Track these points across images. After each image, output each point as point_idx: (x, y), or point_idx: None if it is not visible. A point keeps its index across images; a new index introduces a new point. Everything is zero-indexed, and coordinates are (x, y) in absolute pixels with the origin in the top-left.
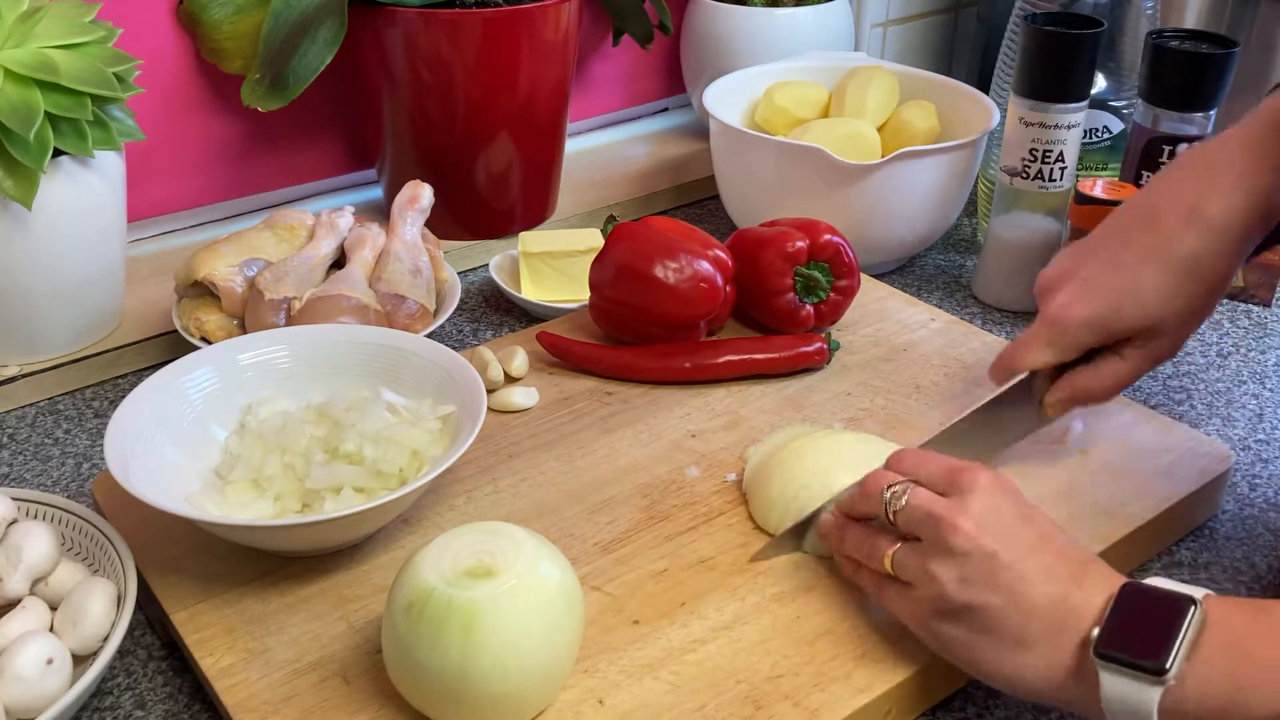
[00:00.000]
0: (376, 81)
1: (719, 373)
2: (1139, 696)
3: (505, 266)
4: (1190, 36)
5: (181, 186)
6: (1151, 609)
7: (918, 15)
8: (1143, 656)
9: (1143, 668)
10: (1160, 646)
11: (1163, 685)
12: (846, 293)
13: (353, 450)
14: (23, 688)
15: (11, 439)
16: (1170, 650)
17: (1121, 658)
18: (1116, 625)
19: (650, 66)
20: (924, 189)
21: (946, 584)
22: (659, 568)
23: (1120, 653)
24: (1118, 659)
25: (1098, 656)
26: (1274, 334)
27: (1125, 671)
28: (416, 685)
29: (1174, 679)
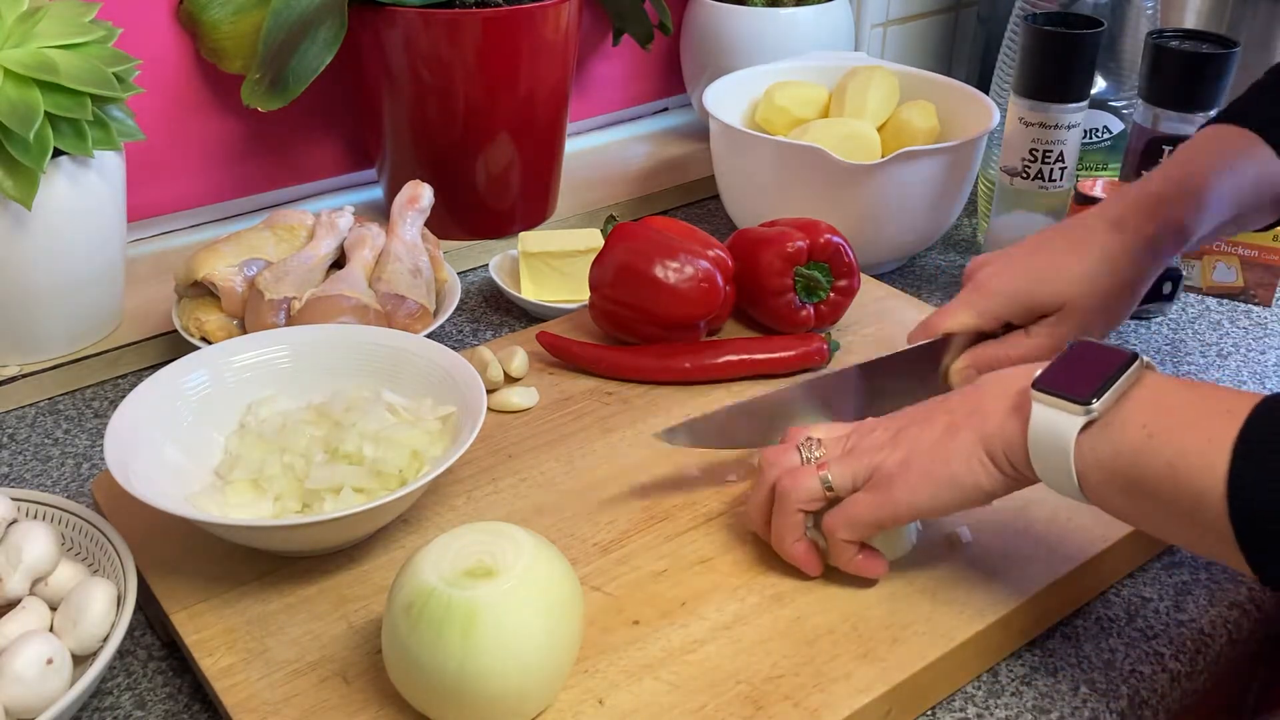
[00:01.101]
0: (376, 81)
1: (719, 373)
2: (1062, 425)
3: (505, 266)
4: (1190, 36)
5: (181, 186)
6: (1097, 357)
7: (918, 15)
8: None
9: (1071, 398)
10: (1093, 385)
11: (1085, 415)
12: (846, 293)
13: (353, 450)
14: (23, 688)
15: (11, 439)
16: (1101, 389)
17: (1055, 389)
18: (1059, 367)
19: (650, 66)
20: (924, 189)
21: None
22: (659, 568)
23: (1055, 387)
24: (1051, 391)
25: (1034, 389)
26: (1274, 334)
27: (1054, 402)
28: (416, 685)
29: (1097, 412)
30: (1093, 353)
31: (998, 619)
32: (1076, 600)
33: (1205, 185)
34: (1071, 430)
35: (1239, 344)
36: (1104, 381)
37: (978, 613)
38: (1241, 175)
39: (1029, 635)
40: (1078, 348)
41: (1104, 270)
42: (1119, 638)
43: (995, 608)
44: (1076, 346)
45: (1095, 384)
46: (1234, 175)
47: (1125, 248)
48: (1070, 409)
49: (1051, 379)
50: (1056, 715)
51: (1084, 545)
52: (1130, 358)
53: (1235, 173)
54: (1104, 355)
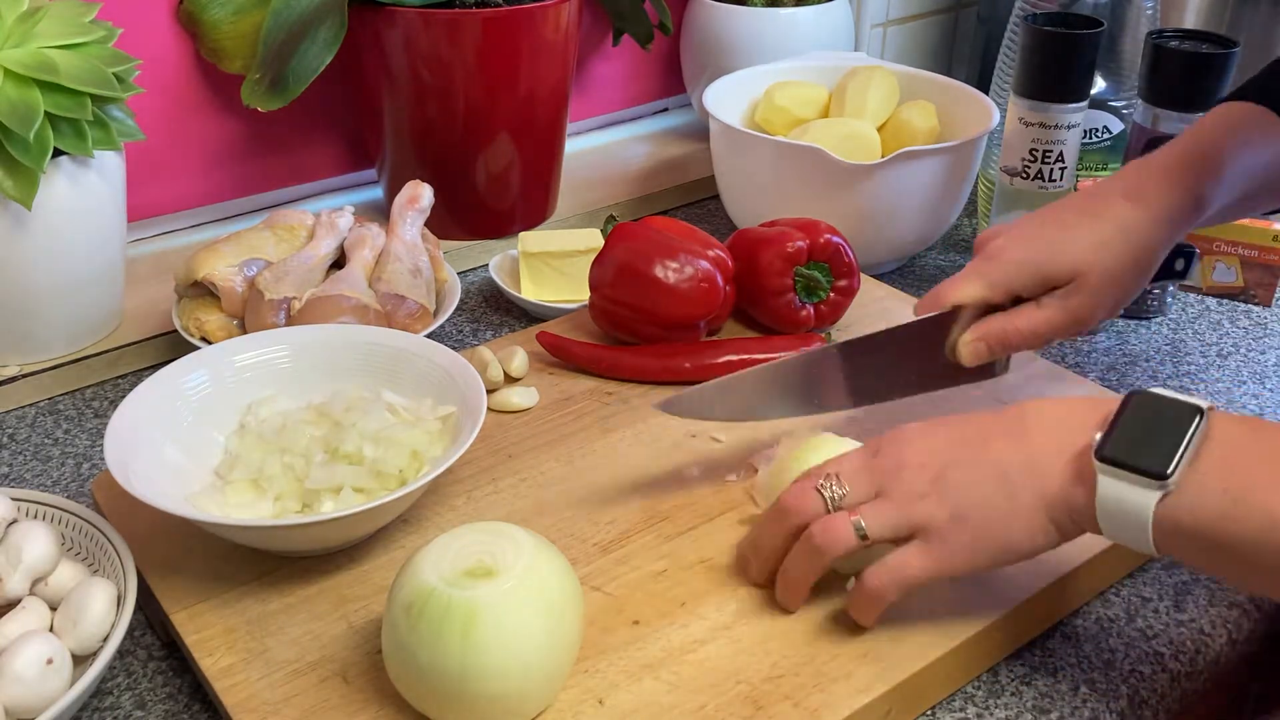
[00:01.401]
0: (376, 81)
1: (719, 373)
2: (1136, 500)
3: (505, 266)
4: (1190, 36)
5: (181, 186)
6: (1158, 414)
7: (918, 15)
8: (1146, 460)
9: (1144, 470)
10: (1164, 451)
11: (1163, 489)
12: (846, 293)
13: (353, 450)
14: (23, 688)
15: (11, 439)
16: (1174, 455)
17: (1123, 460)
18: (1122, 430)
19: (650, 66)
20: (924, 189)
21: (932, 515)
22: (659, 568)
23: (1123, 456)
24: (1119, 462)
25: (1099, 459)
26: (1274, 334)
27: (1125, 475)
28: (416, 685)
29: (1174, 485)
30: (1154, 408)
31: (998, 619)
32: (1076, 600)
33: (1223, 158)
34: (1148, 504)
35: (1239, 344)
36: (1173, 444)
37: (978, 613)
38: (1259, 152)
39: (1029, 635)
40: (1136, 401)
41: (1119, 241)
42: (1119, 638)
43: (995, 608)
44: (1134, 400)
45: (1164, 449)
46: (1251, 151)
47: (1141, 219)
48: (1144, 483)
49: (1115, 446)
50: (1056, 715)
51: (1084, 545)
52: (1194, 409)
53: (1252, 149)
54: (1166, 411)
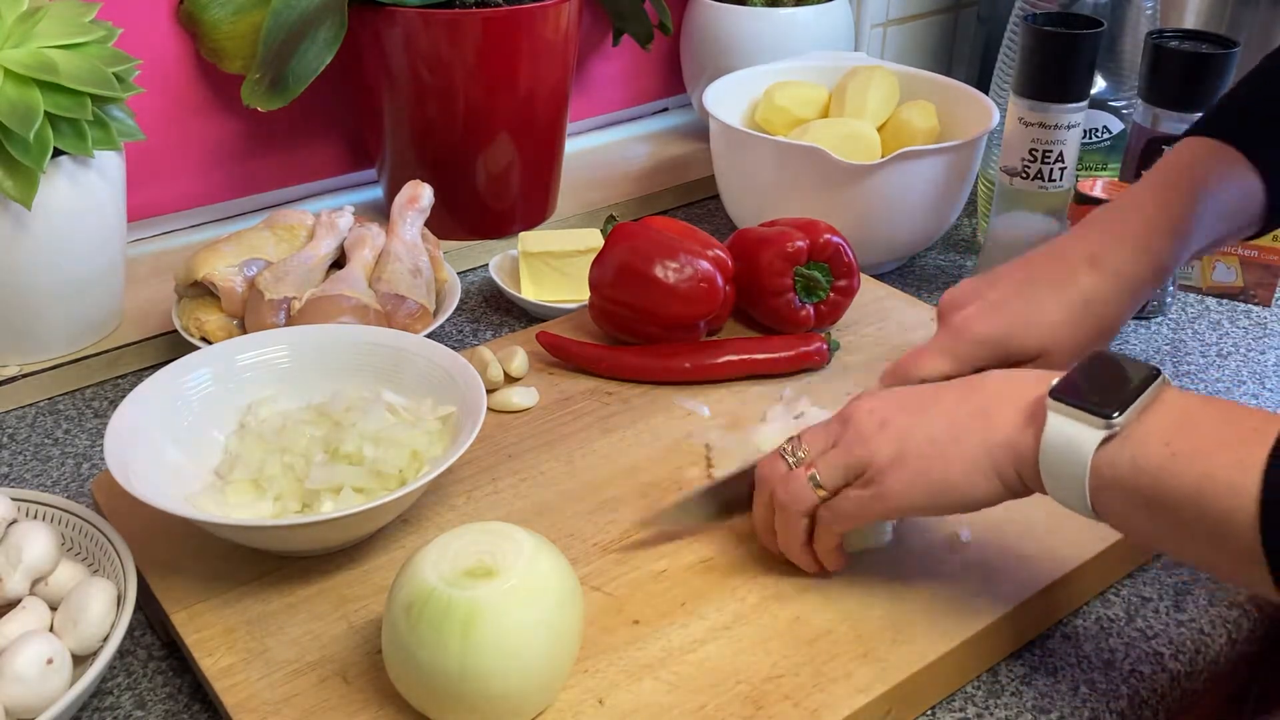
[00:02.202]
0: (376, 81)
1: (719, 373)
2: (1080, 437)
3: (505, 266)
4: (1190, 36)
5: (181, 186)
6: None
7: (918, 15)
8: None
9: (1094, 409)
10: (1114, 398)
11: (1108, 429)
12: (846, 293)
13: (353, 451)
14: (23, 688)
15: (11, 439)
16: (1126, 403)
17: (1075, 400)
18: (1077, 377)
19: (650, 66)
20: (924, 189)
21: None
22: (659, 568)
23: (1075, 397)
24: (1069, 401)
25: (1052, 396)
26: (1274, 334)
27: (1074, 413)
28: (416, 685)
29: (1120, 427)
30: (1112, 364)
31: (998, 619)
32: (1076, 600)
33: (1186, 219)
34: (1090, 443)
35: (1239, 344)
36: (1125, 394)
37: (977, 613)
38: (1223, 199)
39: (1029, 635)
40: (1096, 359)
41: (1084, 316)
42: (1119, 638)
43: (995, 608)
44: (1094, 357)
45: (1116, 396)
46: (1215, 201)
47: (1105, 291)
48: (1090, 421)
49: (1070, 389)
50: (1056, 715)
51: (1084, 545)
52: (1152, 372)
53: (1217, 198)
54: (1124, 368)
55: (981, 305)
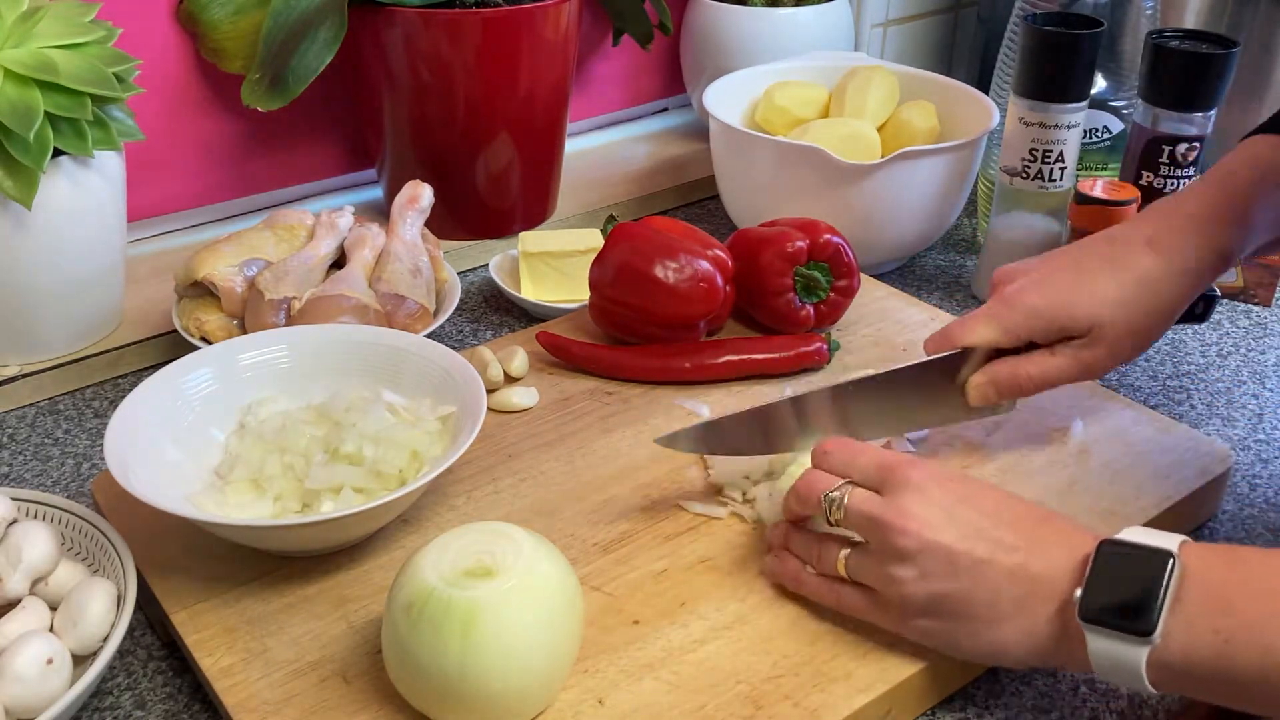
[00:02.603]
0: (376, 81)
1: (719, 373)
2: (1127, 655)
3: (505, 266)
4: (1190, 36)
5: (181, 186)
6: (1130, 566)
7: (918, 15)
8: (1127, 618)
9: (1129, 628)
10: (1144, 606)
11: (1149, 644)
12: (846, 293)
13: (353, 451)
14: (23, 688)
15: (11, 439)
16: (1154, 609)
17: (1107, 620)
18: (1097, 586)
19: (650, 66)
20: (924, 189)
21: (907, 584)
22: (659, 568)
23: (1105, 614)
24: (1103, 621)
25: (1083, 620)
26: (1274, 334)
27: (1111, 633)
28: (416, 685)
29: (1159, 637)
30: (1126, 558)
31: None
32: None
33: (1248, 209)
34: (1138, 659)
35: (1239, 344)
36: (1153, 596)
37: None
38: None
39: None
40: (1106, 553)
41: (1139, 295)
42: None
43: None
44: (1104, 551)
45: (1146, 603)
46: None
47: (1163, 271)
48: (1131, 640)
49: (1097, 604)
50: (1056, 715)
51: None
52: (1164, 556)
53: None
54: (1137, 559)
55: (1034, 277)
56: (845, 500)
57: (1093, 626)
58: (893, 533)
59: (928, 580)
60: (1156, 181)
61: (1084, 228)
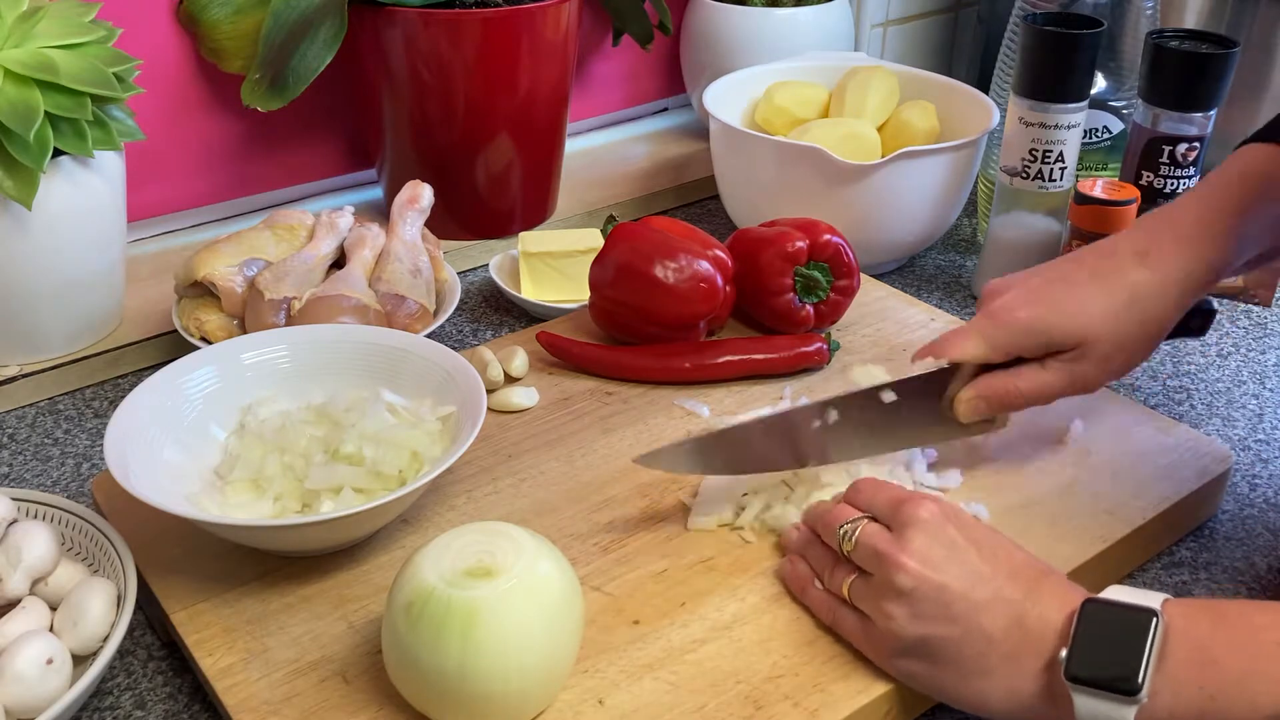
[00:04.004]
0: (376, 81)
1: (719, 373)
2: (1115, 716)
3: (505, 266)
4: (1190, 36)
5: (181, 186)
6: (1114, 626)
7: (918, 15)
8: (1114, 677)
9: (1115, 688)
10: (1129, 666)
11: (1137, 704)
12: (846, 293)
13: (353, 451)
14: (23, 688)
15: (11, 439)
16: (1139, 669)
17: (1093, 679)
18: (1082, 646)
19: (650, 66)
20: (924, 189)
21: (899, 620)
22: (659, 568)
23: (1091, 675)
24: (1089, 681)
25: (1069, 680)
26: (1274, 334)
27: (1098, 694)
28: (416, 685)
29: (1146, 696)
30: (1107, 618)
31: None
32: None
33: (1240, 222)
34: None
35: (1239, 344)
36: (1136, 656)
37: None
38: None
39: None
40: (1090, 612)
41: (1128, 309)
42: None
43: None
44: (1089, 610)
45: (1129, 663)
46: (1272, 206)
47: (1154, 286)
48: (1118, 699)
49: (1080, 665)
50: None
51: (1082, 546)
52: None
53: (1273, 203)
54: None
55: (1022, 291)
56: (857, 534)
57: (1079, 687)
58: (891, 566)
59: (919, 621)
60: (1156, 181)
61: (1084, 228)
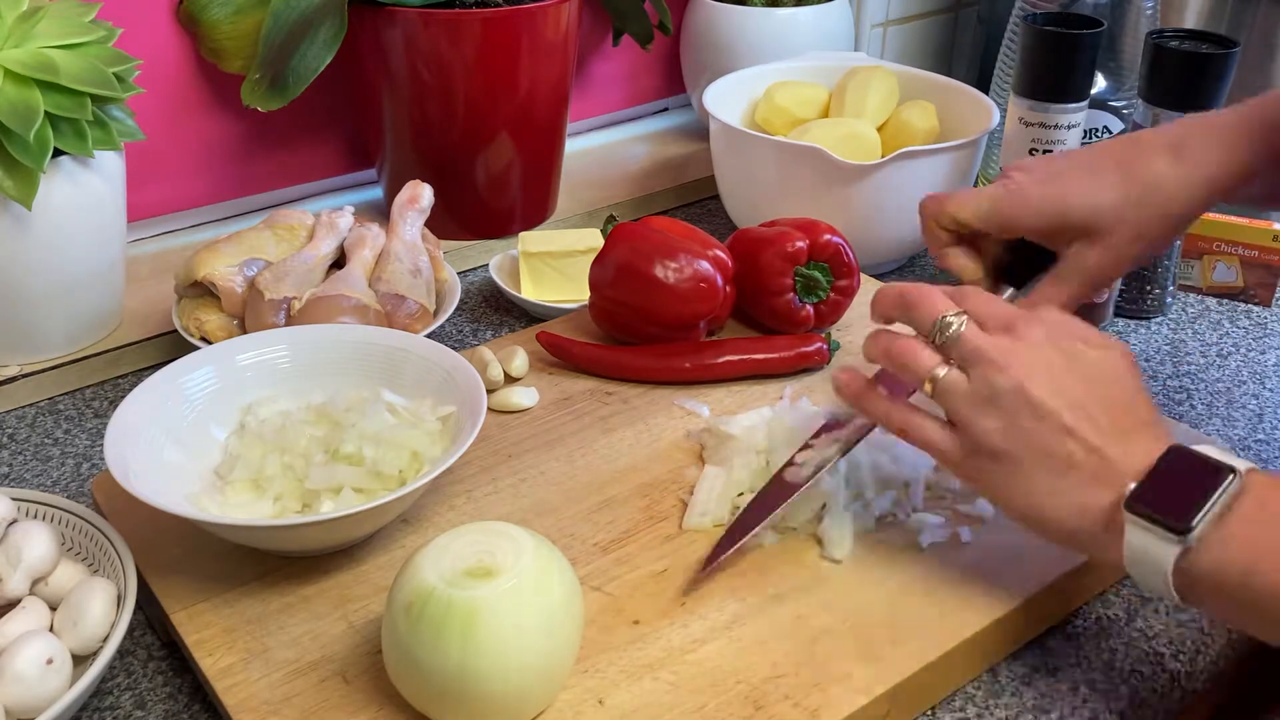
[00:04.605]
0: (376, 81)
1: (719, 373)
2: (1160, 553)
3: (505, 266)
4: (1190, 36)
5: (181, 186)
6: (1191, 473)
7: (918, 15)
8: (1169, 514)
9: (1166, 524)
10: (1189, 507)
11: (1182, 544)
12: (846, 293)
13: (353, 452)
14: (23, 688)
15: (11, 439)
16: (1197, 512)
17: (1150, 513)
18: (1152, 483)
19: (650, 66)
20: (924, 189)
21: (989, 428)
22: (659, 568)
23: (1149, 509)
24: (1145, 513)
25: (1127, 509)
26: (1274, 334)
27: (1149, 526)
28: (416, 685)
29: (1195, 540)
30: (1191, 463)
31: (998, 619)
32: (1076, 600)
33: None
34: (1168, 557)
35: (1239, 344)
36: (1199, 501)
37: (978, 613)
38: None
39: (1029, 635)
40: (1173, 456)
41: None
42: (1119, 638)
43: (995, 608)
44: (1171, 454)
45: (1192, 503)
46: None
47: (1178, 178)
48: (1165, 535)
49: (1145, 496)
50: (1056, 715)
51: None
52: (1226, 470)
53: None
54: (1201, 468)
55: (1042, 171)
56: (963, 327)
57: (1135, 517)
58: (995, 370)
59: (1009, 433)
60: None
61: None
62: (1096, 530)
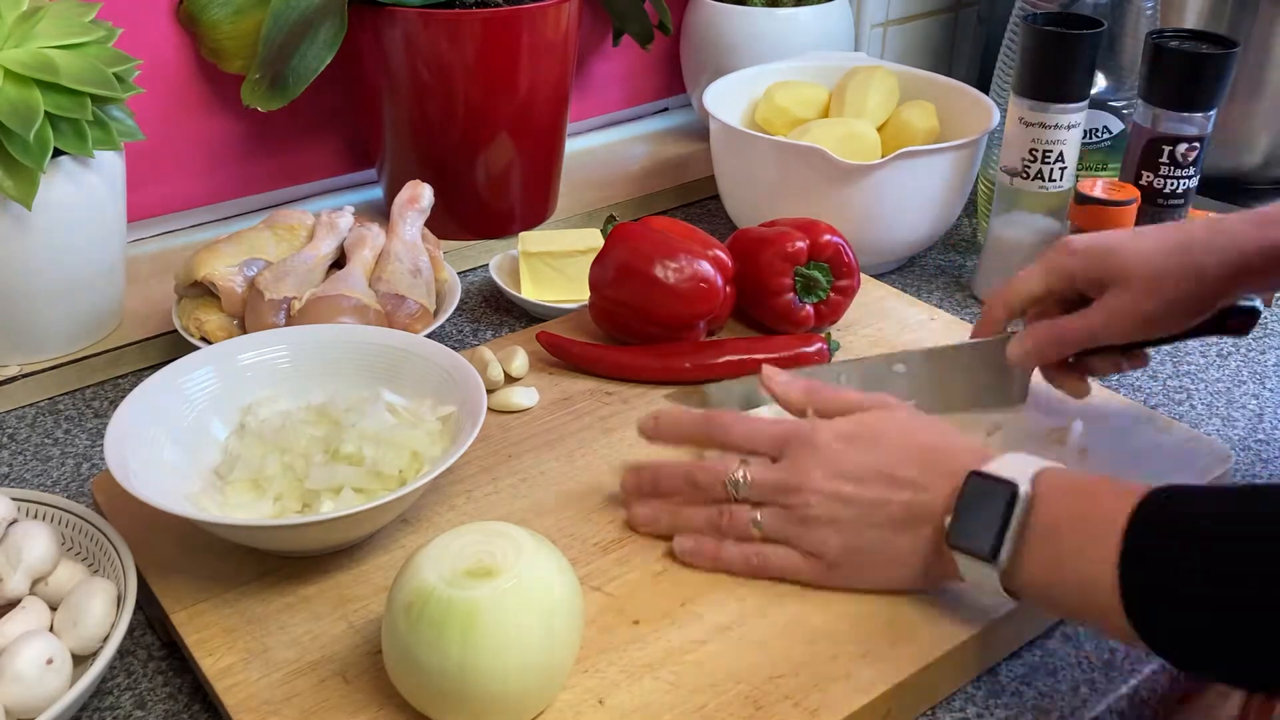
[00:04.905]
0: (376, 81)
1: (719, 373)
2: (985, 574)
3: (505, 266)
4: (1190, 36)
5: (181, 186)
6: (987, 495)
7: (918, 15)
8: (979, 544)
9: (980, 555)
10: (992, 534)
11: (998, 568)
12: (846, 293)
13: (352, 452)
14: (23, 688)
15: (11, 439)
16: (1000, 540)
17: (963, 545)
18: (959, 516)
19: (650, 66)
20: (924, 189)
21: (823, 537)
22: (659, 568)
23: (964, 544)
24: (961, 546)
25: (949, 546)
26: (1274, 334)
27: (971, 557)
28: (416, 685)
29: (1004, 564)
30: (983, 489)
31: (998, 619)
32: None
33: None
34: (994, 579)
35: (1239, 344)
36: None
37: (978, 612)
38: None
39: (1029, 635)
40: (970, 484)
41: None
42: None
43: (995, 607)
44: (970, 482)
45: (993, 532)
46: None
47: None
48: (986, 563)
49: (958, 535)
50: (1056, 715)
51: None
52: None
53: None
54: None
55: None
56: (749, 478)
57: (958, 552)
58: (794, 493)
59: (839, 524)
60: (1156, 181)
61: (1084, 228)
62: (935, 567)
